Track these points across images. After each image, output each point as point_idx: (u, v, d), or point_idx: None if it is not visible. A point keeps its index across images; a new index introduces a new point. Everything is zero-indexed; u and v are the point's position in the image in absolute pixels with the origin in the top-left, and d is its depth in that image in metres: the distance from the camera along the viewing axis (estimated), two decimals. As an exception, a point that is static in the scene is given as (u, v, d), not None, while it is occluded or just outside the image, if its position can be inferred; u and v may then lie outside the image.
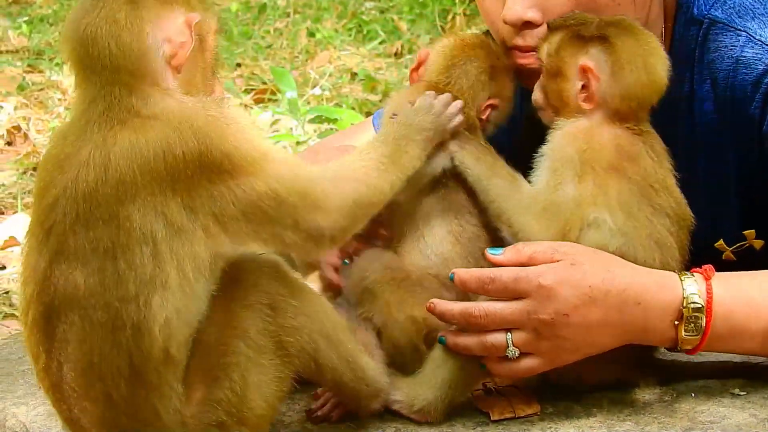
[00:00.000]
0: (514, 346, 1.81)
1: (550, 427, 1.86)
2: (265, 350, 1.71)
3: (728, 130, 2.21)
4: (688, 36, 2.21)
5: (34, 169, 4.59)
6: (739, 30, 2.16)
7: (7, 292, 3.64)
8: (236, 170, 1.65)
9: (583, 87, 1.94)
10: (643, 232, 1.88)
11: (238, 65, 6.00)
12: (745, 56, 2.14)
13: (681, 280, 1.86)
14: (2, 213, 4.25)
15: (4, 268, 3.82)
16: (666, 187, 1.91)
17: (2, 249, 3.95)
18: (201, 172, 1.63)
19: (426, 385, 1.88)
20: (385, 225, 2.00)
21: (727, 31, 2.17)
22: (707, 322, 1.85)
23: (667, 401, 1.92)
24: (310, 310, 1.75)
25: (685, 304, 1.84)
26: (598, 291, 1.81)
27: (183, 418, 1.68)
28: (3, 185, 4.45)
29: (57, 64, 5.79)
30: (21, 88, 5.44)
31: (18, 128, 4.92)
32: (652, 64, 1.95)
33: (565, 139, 1.93)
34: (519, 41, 2.09)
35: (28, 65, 5.84)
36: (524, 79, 2.13)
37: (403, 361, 1.94)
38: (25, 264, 1.72)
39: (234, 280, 1.72)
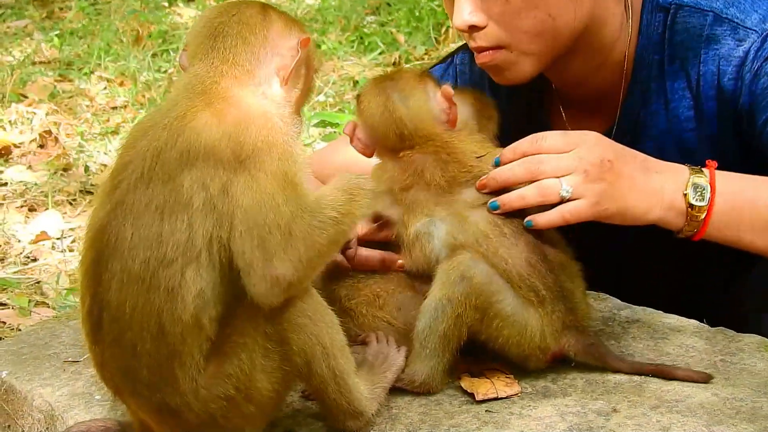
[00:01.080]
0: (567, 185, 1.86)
1: (530, 405, 1.86)
2: (271, 338, 1.68)
3: (701, 104, 2.15)
4: (656, 22, 2.17)
5: (64, 169, 4.59)
6: (706, 11, 2.12)
7: (38, 282, 3.63)
8: (269, 171, 1.62)
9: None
10: (468, 224, 1.90)
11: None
12: (714, 33, 2.10)
13: (686, 165, 1.96)
14: (35, 210, 4.23)
15: (35, 260, 3.80)
16: (460, 184, 1.95)
17: (34, 243, 3.94)
18: (249, 160, 1.61)
19: (419, 361, 1.90)
20: None
21: (694, 12, 2.13)
22: (711, 195, 1.91)
23: (636, 382, 1.92)
24: (314, 314, 1.71)
25: (692, 180, 1.92)
26: (628, 153, 1.93)
27: (198, 386, 1.65)
28: (36, 184, 4.43)
29: (85, 74, 5.78)
30: (52, 96, 5.43)
31: (49, 132, 4.91)
32: (388, 106, 2.03)
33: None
34: (473, 43, 2.11)
35: (59, 75, 5.82)
36: (491, 74, 2.16)
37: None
38: (90, 214, 1.71)
39: None
